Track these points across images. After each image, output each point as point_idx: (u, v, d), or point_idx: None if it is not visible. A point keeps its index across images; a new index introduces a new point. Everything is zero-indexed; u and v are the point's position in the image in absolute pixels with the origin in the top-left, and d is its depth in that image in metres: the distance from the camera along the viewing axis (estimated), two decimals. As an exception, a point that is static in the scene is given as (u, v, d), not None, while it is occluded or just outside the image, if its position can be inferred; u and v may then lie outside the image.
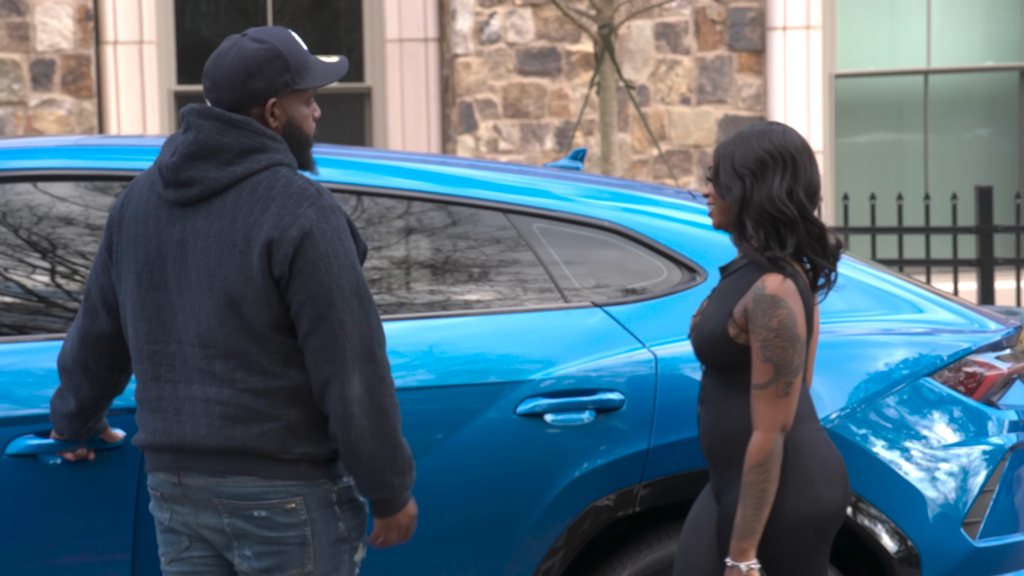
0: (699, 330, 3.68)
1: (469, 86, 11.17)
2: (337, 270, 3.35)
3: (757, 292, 3.57)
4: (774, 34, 11.32)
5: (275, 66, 3.44)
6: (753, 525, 3.54)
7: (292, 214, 3.35)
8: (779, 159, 3.61)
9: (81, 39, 10.92)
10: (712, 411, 3.67)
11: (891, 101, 11.66)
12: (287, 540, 3.40)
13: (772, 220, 3.59)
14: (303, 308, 3.35)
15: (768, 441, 3.54)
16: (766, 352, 3.55)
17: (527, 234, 4.16)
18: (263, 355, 3.38)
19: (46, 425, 3.78)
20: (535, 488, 3.98)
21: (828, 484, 3.62)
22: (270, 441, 3.38)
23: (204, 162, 3.41)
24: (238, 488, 3.39)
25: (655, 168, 11.33)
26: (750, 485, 3.54)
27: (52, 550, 3.80)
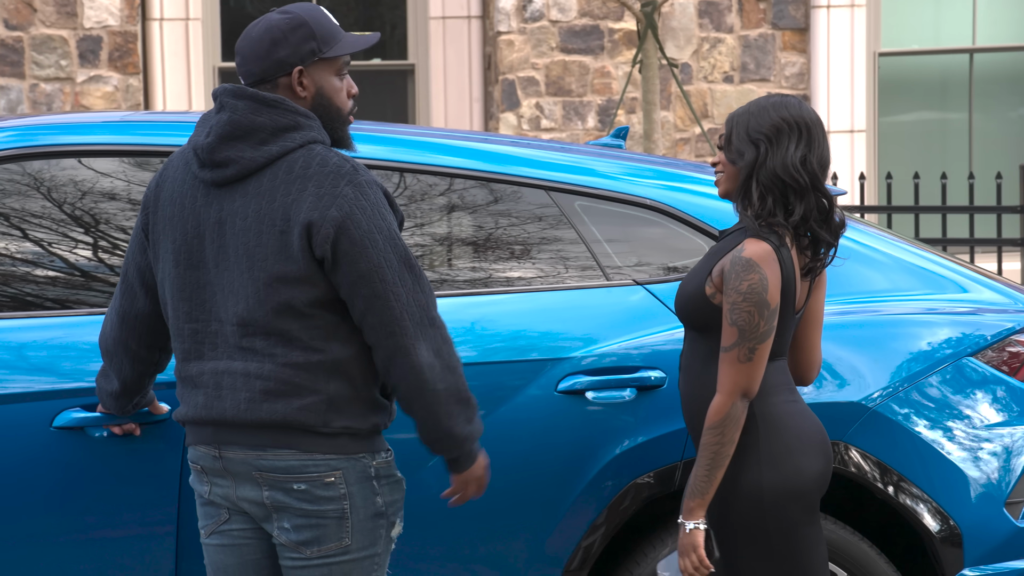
0: (681, 288, 3.69)
1: (512, 64, 11.16)
2: (383, 244, 3.37)
3: (735, 255, 3.57)
4: (818, 12, 11.26)
5: (299, 33, 3.44)
6: (704, 486, 3.54)
7: (330, 194, 3.36)
8: (795, 127, 3.62)
9: (128, 16, 10.96)
10: (688, 379, 3.68)
11: (935, 80, 11.59)
12: (326, 513, 3.42)
13: (783, 186, 3.59)
14: (355, 288, 3.37)
15: (726, 404, 3.54)
16: (733, 315, 3.55)
17: (569, 211, 4.16)
18: (304, 330, 3.40)
19: (92, 398, 3.81)
20: (576, 465, 3.98)
21: (805, 454, 3.60)
22: (310, 415, 3.40)
23: (239, 142, 3.42)
24: (278, 461, 3.41)
25: (697, 146, 11.30)
26: (705, 446, 3.54)
27: (97, 522, 3.83)
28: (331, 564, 3.44)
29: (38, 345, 3.86)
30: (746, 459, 3.58)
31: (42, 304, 3.92)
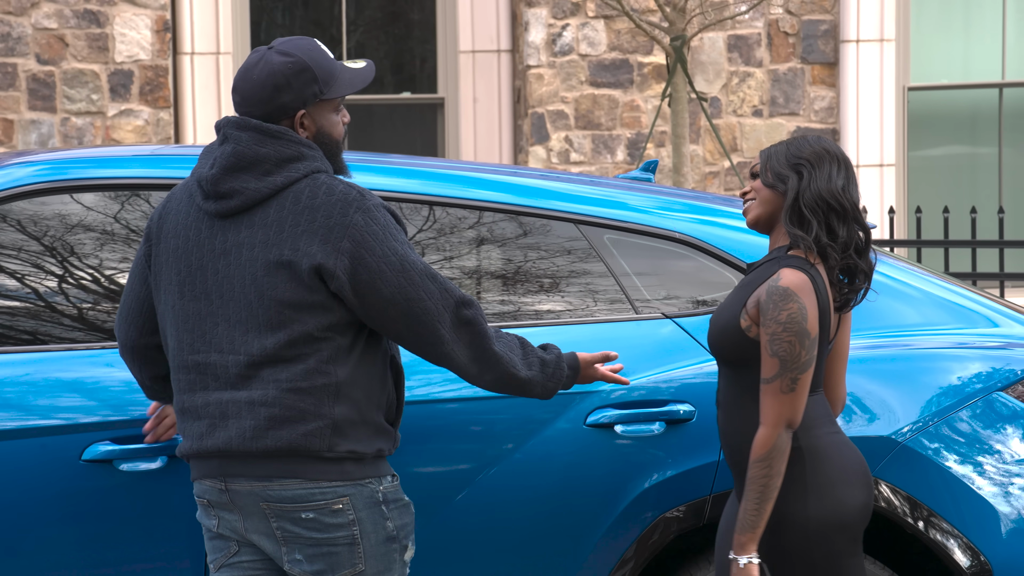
0: (713, 322, 3.68)
1: (541, 97, 11.19)
2: (399, 265, 3.40)
3: (771, 284, 3.57)
4: (847, 47, 11.27)
5: (302, 79, 3.48)
6: (754, 520, 3.53)
7: (340, 224, 3.39)
8: (835, 157, 3.65)
9: (159, 50, 11.03)
10: (727, 414, 3.67)
11: (965, 114, 11.58)
12: (336, 541, 3.42)
13: (827, 209, 3.60)
14: (386, 312, 3.41)
15: (772, 436, 3.53)
16: (774, 346, 3.54)
17: (598, 245, 4.17)
18: (312, 355, 3.41)
19: (122, 431, 3.82)
20: (605, 499, 3.98)
21: (849, 486, 3.60)
22: (316, 440, 3.40)
23: (243, 173, 3.44)
24: (284, 491, 3.41)
25: (727, 180, 11.30)
26: (753, 480, 3.53)
27: (126, 555, 3.83)
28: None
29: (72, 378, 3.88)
30: (792, 490, 3.58)
31: (72, 337, 3.94)
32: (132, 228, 4.03)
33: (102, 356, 3.91)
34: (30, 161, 4.09)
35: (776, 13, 11.29)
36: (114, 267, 4.00)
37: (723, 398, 3.69)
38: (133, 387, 3.85)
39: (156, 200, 4.06)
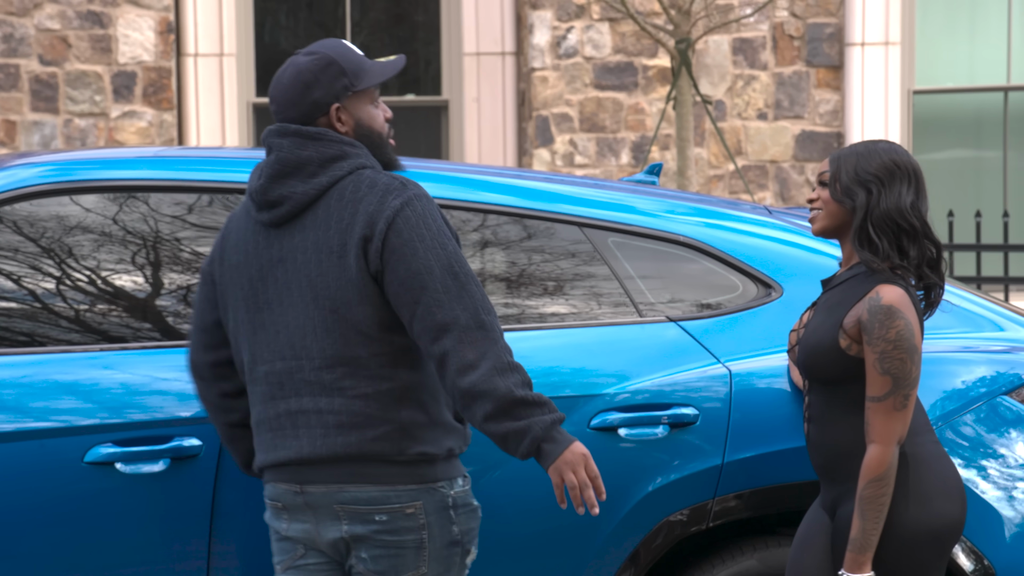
0: (805, 343, 3.66)
1: (546, 100, 11.19)
2: (424, 252, 3.39)
3: (872, 303, 3.55)
4: (852, 50, 11.26)
5: (330, 72, 3.51)
6: (872, 539, 3.52)
7: (378, 209, 3.41)
8: (907, 171, 3.61)
9: (162, 51, 11.03)
10: (821, 428, 3.66)
11: (970, 118, 11.57)
12: (405, 544, 3.45)
13: (896, 229, 3.58)
14: (399, 296, 3.40)
15: (887, 454, 3.52)
16: (884, 364, 3.52)
17: (602, 248, 4.16)
18: (371, 358, 3.43)
19: (124, 434, 3.82)
20: (608, 502, 3.97)
21: (948, 499, 3.60)
22: (385, 444, 3.43)
23: (289, 179, 3.49)
24: (360, 493, 3.45)
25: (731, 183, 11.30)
26: (869, 499, 3.52)
27: (128, 559, 3.83)
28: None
29: (71, 380, 3.87)
30: (893, 496, 3.58)
31: (74, 339, 3.94)
32: (132, 230, 4.03)
33: (101, 358, 3.90)
34: (35, 162, 4.09)
35: (781, 16, 11.28)
36: (114, 269, 3.99)
37: (816, 413, 3.68)
38: (131, 389, 3.85)
39: (158, 202, 4.06)
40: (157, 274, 4.00)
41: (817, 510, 3.74)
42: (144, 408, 3.84)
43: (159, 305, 3.99)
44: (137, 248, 4.02)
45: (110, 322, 3.97)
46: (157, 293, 3.99)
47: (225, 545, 3.86)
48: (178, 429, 3.84)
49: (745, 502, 4.03)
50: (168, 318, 3.98)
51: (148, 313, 3.99)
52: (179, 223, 4.04)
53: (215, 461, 3.84)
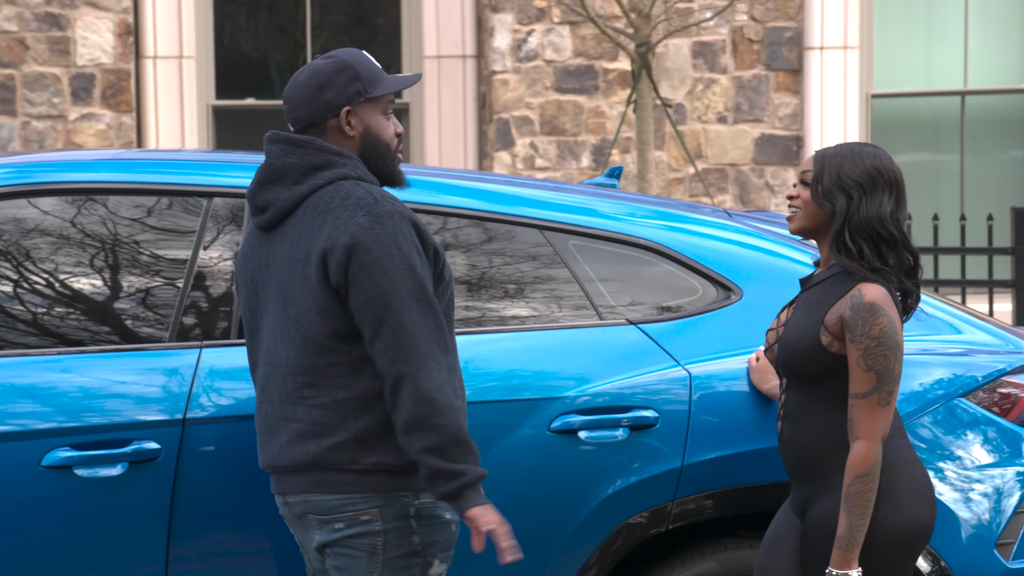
0: (785, 340, 3.67)
1: (506, 103, 11.19)
2: (392, 272, 3.40)
3: (855, 300, 3.56)
4: (811, 54, 11.31)
5: (345, 75, 3.54)
6: (858, 535, 3.54)
7: (345, 223, 3.42)
8: (889, 180, 3.62)
9: (121, 54, 10.99)
10: (796, 426, 3.67)
11: (927, 122, 11.63)
12: (360, 546, 3.47)
13: (875, 237, 3.59)
14: (363, 313, 3.41)
15: (873, 450, 3.54)
16: (868, 361, 3.54)
17: (563, 251, 4.17)
18: (329, 367, 3.45)
19: (81, 437, 3.81)
20: (568, 505, 3.98)
21: (919, 503, 3.62)
22: (341, 454, 3.45)
23: (275, 184, 3.53)
24: (322, 502, 3.48)
25: (691, 186, 11.33)
26: (857, 495, 3.54)
27: (86, 563, 3.82)
28: None
29: (28, 383, 3.85)
30: None
31: (31, 343, 3.92)
32: (91, 233, 4.01)
33: (58, 362, 3.89)
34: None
35: (741, 20, 11.32)
36: (72, 272, 3.98)
37: (792, 411, 3.68)
38: (89, 393, 3.84)
39: (117, 205, 4.04)
40: (116, 277, 3.99)
41: (787, 512, 3.75)
42: (102, 412, 3.83)
43: (118, 308, 3.97)
44: (96, 251, 4.00)
45: (68, 325, 3.95)
46: (116, 296, 3.98)
47: (183, 549, 3.84)
48: (136, 433, 3.82)
49: (704, 504, 4.04)
50: (127, 321, 3.97)
51: (107, 316, 3.97)
52: (138, 226, 4.03)
53: (173, 465, 3.83)
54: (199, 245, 4.00)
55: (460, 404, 3.42)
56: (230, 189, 4.05)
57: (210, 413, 3.85)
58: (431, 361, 3.39)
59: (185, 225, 4.03)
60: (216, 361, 3.90)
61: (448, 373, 3.41)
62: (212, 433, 3.84)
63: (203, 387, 3.86)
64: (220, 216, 4.03)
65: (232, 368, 3.89)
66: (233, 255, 4.00)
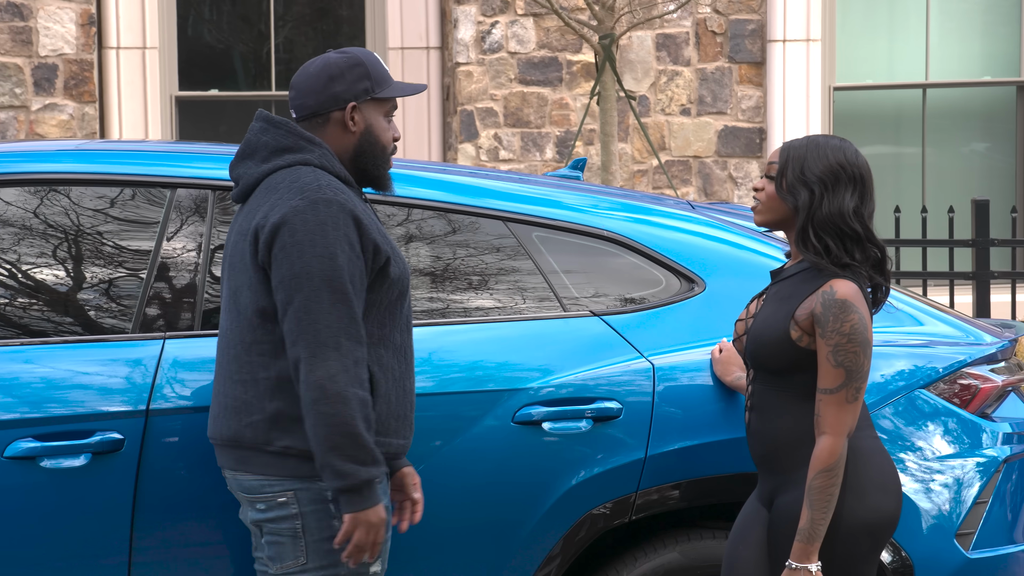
0: (755, 333, 3.68)
1: (470, 95, 11.19)
2: (309, 257, 3.44)
3: (827, 297, 3.58)
4: (774, 46, 11.34)
5: (356, 72, 3.61)
6: (820, 528, 3.55)
7: (283, 204, 3.48)
8: (852, 175, 3.63)
9: (84, 44, 10.94)
10: (765, 417, 3.68)
11: (889, 114, 11.68)
12: (282, 532, 3.52)
13: (839, 233, 3.61)
14: (277, 292, 3.47)
15: (838, 445, 3.56)
16: (838, 357, 3.55)
17: (526, 242, 4.17)
18: (253, 345, 3.51)
19: (45, 428, 3.80)
20: (532, 496, 3.99)
21: (885, 492, 3.63)
22: (256, 432, 3.50)
23: (247, 160, 3.62)
24: (244, 480, 3.55)
25: (655, 178, 11.34)
26: (820, 489, 3.55)
27: (48, 553, 3.81)
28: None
29: (-7, 373, 3.84)
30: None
31: (-3, 332, 3.91)
32: (53, 224, 4.00)
33: (22, 353, 3.87)
34: (-47, 155, 4.05)
35: (704, 12, 11.34)
36: (35, 262, 3.96)
37: (759, 402, 3.70)
38: (52, 384, 3.83)
39: (80, 195, 4.03)
40: (79, 268, 3.98)
41: (754, 502, 3.77)
42: (65, 402, 3.82)
43: (81, 299, 3.96)
44: (59, 242, 3.99)
45: (31, 316, 3.94)
46: (79, 287, 3.97)
47: (146, 539, 3.84)
48: (100, 423, 3.81)
49: (668, 495, 4.06)
50: (90, 312, 3.96)
51: (70, 307, 3.96)
52: (101, 217, 4.02)
53: (136, 455, 3.82)
54: (162, 236, 3.99)
55: (360, 397, 3.42)
56: (193, 180, 4.04)
57: (173, 404, 3.85)
58: (330, 349, 3.41)
59: (148, 216, 4.02)
60: (180, 352, 3.89)
61: (354, 364, 3.42)
62: (175, 424, 3.84)
63: (167, 378, 3.86)
64: (183, 207, 4.02)
65: (196, 359, 3.88)
66: (197, 246, 4.00)
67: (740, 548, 3.73)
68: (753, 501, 3.77)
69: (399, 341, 3.59)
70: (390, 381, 3.55)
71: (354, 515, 3.46)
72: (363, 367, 3.45)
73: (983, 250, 8.84)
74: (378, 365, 3.55)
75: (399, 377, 3.58)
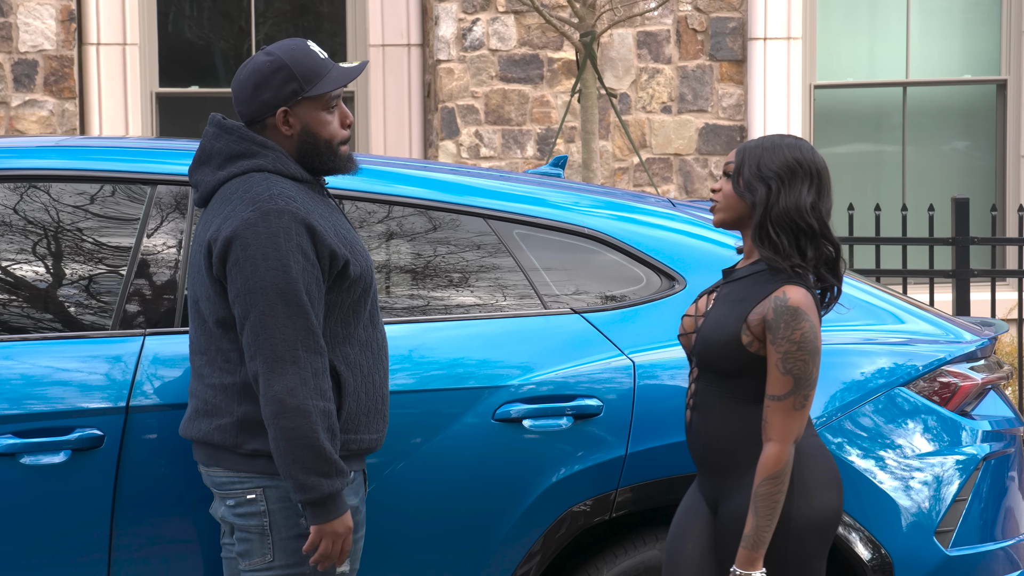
0: (705, 334, 3.67)
1: (451, 92, 11.19)
2: (263, 271, 3.44)
3: (779, 303, 3.57)
4: (755, 44, 11.36)
5: (279, 76, 3.56)
6: (764, 536, 3.55)
7: (235, 216, 3.48)
8: (808, 171, 3.62)
9: (64, 40, 10.91)
10: (708, 418, 3.68)
11: (870, 112, 11.71)
12: (251, 528, 3.55)
13: (794, 228, 3.60)
14: (234, 306, 3.48)
15: (784, 453, 3.56)
16: (787, 364, 3.55)
17: (507, 240, 4.17)
18: (218, 352, 3.54)
19: (25, 425, 3.79)
20: (512, 493, 3.99)
21: (828, 489, 3.64)
22: (225, 435, 3.54)
23: (204, 166, 3.61)
24: (215, 476, 3.59)
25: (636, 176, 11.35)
26: (765, 496, 3.55)
27: (28, 550, 3.80)
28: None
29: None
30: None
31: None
32: (33, 220, 3.99)
33: (1, 349, 3.86)
34: (-67, 151, 4.04)
35: (685, 10, 11.35)
36: (14, 259, 3.95)
37: (703, 402, 3.69)
38: (32, 380, 3.82)
39: (60, 192, 4.02)
40: (59, 265, 3.97)
41: (693, 498, 3.75)
42: (45, 399, 3.81)
43: (61, 296, 3.96)
44: (39, 238, 3.98)
45: (10, 313, 3.93)
46: (59, 284, 3.96)
47: (126, 536, 3.83)
48: (79, 420, 3.81)
49: (648, 492, 4.06)
50: (70, 309, 3.95)
51: (50, 304, 3.95)
52: (81, 213, 4.01)
53: (116, 452, 3.82)
54: (143, 233, 3.99)
55: (321, 407, 3.42)
56: (174, 177, 4.03)
57: (153, 401, 3.84)
58: (287, 363, 3.41)
59: (129, 213, 4.01)
60: (160, 349, 3.89)
61: (313, 376, 3.43)
62: (155, 420, 3.83)
63: (147, 375, 3.85)
64: (164, 204, 4.02)
65: (175, 356, 3.88)
66: (177, 243, 3.99)
67: (685, 545, 3.72)
68: (694, 494, 3.76)
69: (364, 336, 3.59)
70: (358, 378, 3.56)
71: (320, 527, 3.47)
72: (323, 377, 3.45)
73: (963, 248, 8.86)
74: (345, 363, 3.55)
75: (367, 372, 3.58)
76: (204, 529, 3.85)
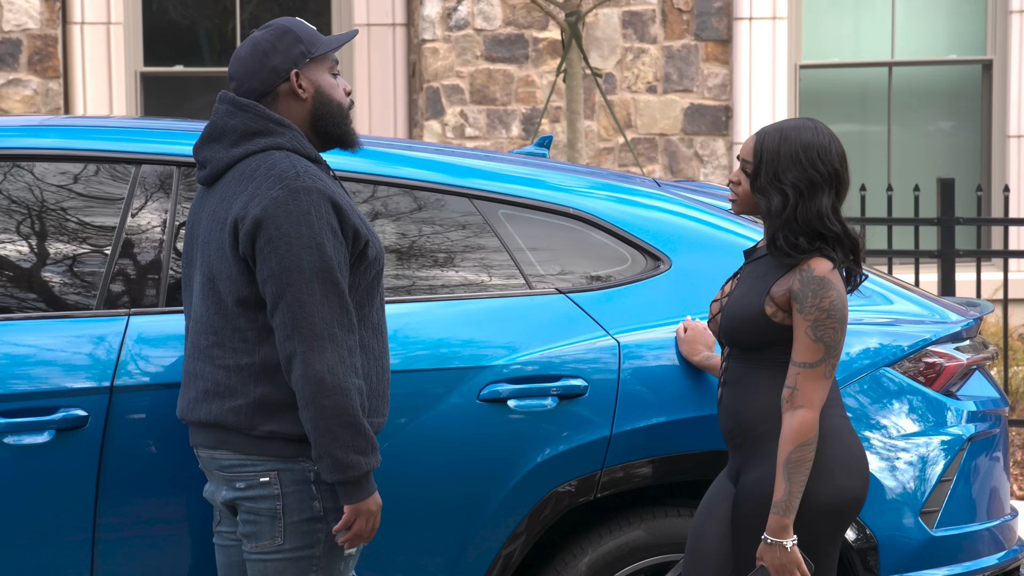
0: (729, 310, 3.70)
1: (436, 72, 11.16)
2: (298, 250, 3.40)
3: (805, 274, 3.60)
4: (740, 24, 11.35)
5: (287, 40, 3.57)
6: (795, 502, 3.57)
7: (262, 194, 3.43)
8: (828, 178, 3.62)
9: (48, 19, 10.87)
10: (738, 392, 3.70)
11: (855, 92, 11.71)
12: (261, 511, 3.50)
13: (815, 234, 3.62)
14: (266, 286, 3.43)
15: (816, 418, 3.58)
16: (818, 332, 3.57)
17: (492, 220, 4.17)
18: (235, 332, 3.49)
19: (8, 404, 3.78)
20: (497, 473, 3.99)
21: (850, 473, 3.64)
22: (239, 417, 3.48)
23: (215, 143, 3.56)
24: (224, 460, 3.53)
25: (621, 156, 11.35)
26: (797, 462, 3.56)
27: (12, 531, 3.79)
28: (267, 560, 3.51)
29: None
30: None
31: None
32: (17, 199, 3.97)
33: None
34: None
35: (670, -10, 11.33)
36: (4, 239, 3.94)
37: (733, 378, 3.71)
38: (16, 360, 3.81)
39: (44, 171, 4.00)
40: (43, 244, 3.96)
41: (723, 479, 3.78)
42: (29, 379, 3.80)
43: (45, 275, 3.94)
44: (22, 218, 3.97)
45: (-6, 293, 3.92)
46: (43, 263, 3.95)
47: (110, 516, 3.83)
48: (63, 400, 3.80)
49: (633, 473, 4.07)
50: (54, 288, 3.94)
51: (34, 283, 3.94)
52: (65, 193, 4.00)
53: (100, 432, 3.81)
54: (127, 212, 3.98)
55: (357, 385, 3.43)
56: (158, 156, 4.02)
57: (138, 380, 3.83)
58: (326, 342, 3.40)
59: (113, 192, 4.00)
60: (144, 328, 3.88)
61: (349, 354, 3.42)
62: (140, 400, 3.83)
63: (131, 354, 3.85)
64: (148, 183, 4.01)
65: (160, 335, 3.87)
66: (161, 223, 3.98)
67: (706, 523, 3.74)
68: (722, 478, 3.78)
69: (376, 320, 3.58)
70: (371, 361, 3.55)
71: (355, 506, 3.46)
72: (356, 355, 3.45)
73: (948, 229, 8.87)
74: (360, 346, 3.54)
75: (379, 356, 3.58)
76: (189, 510, 3.85)
